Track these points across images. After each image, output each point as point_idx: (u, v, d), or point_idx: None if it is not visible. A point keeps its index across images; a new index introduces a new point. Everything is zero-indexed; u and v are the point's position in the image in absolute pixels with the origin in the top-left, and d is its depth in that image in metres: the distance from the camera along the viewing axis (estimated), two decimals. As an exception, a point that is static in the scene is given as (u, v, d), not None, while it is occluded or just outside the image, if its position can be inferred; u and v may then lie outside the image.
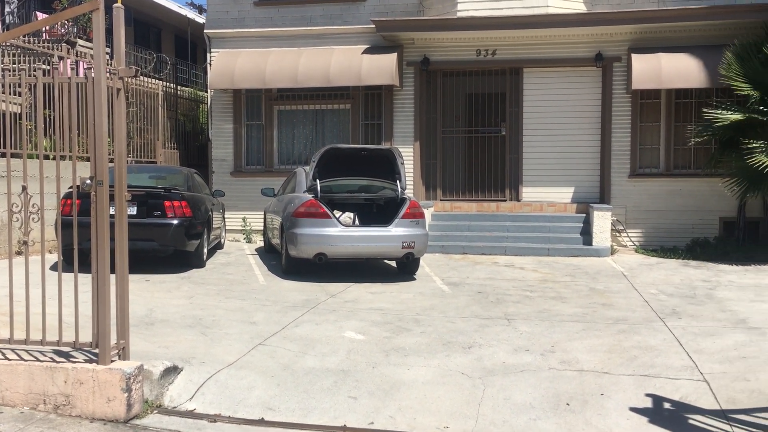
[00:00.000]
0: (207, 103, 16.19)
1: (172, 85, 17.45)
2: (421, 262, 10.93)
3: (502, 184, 14.17)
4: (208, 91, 15.32)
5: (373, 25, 13.59)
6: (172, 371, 5.31)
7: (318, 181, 10.15)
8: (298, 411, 4.96)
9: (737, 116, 11.51)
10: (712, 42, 12.62)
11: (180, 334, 6.58)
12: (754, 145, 11.24)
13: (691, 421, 4.73)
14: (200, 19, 22.78)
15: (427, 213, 13.15)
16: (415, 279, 10.12)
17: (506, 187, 14.15)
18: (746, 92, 11.57)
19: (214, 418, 4.85)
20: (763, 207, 12.62)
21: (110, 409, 4.71)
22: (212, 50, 14.94)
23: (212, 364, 5.67)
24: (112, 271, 4.87)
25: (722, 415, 4.81)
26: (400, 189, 10.36)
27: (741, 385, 5.31)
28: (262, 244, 13.73)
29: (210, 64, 14.81)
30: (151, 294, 8.57)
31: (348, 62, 13.79)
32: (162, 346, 6.10)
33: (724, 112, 11.65)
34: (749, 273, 10.59)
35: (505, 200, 14.08)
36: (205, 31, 15.14)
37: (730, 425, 4.64)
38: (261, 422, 4.81)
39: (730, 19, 12.48)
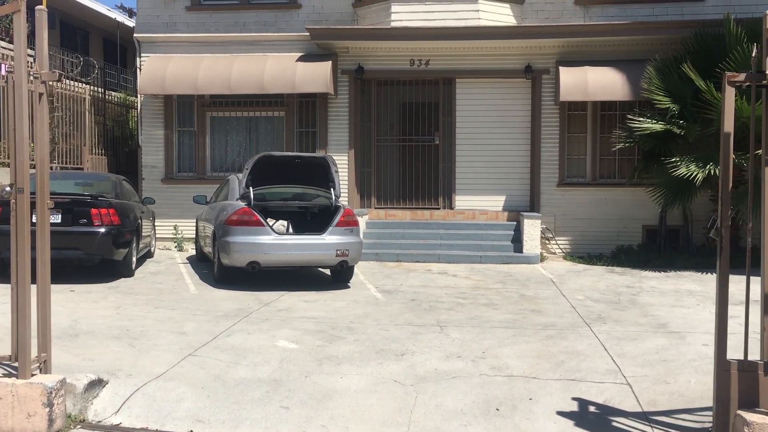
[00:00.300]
0: (137, 109, 15.82)
1: (100, 89, 16.99)
2: (356, 269, 10.95)
3: (436, 192, 14.35)
4: (138, 96, 14.98)
5: (308, 33, 13.58)
6: (96, 384, 5.16)
7: (251, 188, 10.05)
8: (229, 422, 4.90)
9: (658, 126, 11.98)
10: (635, 56, 13.12)
11: (106, 346, 6.39)
12: (675, 159, 11.71)
13: (614, 424, 4.89)
14: (130, 22, 22.24)
15: (362, 221, 13.19)
16: (349, 287, 10.13)
17: (440, 196, 14.33)
18: (666, 105, 12.06)
19: (141, 432, 4.74)
20: (683, 215, 13.18)
21: (31, 425, 4.54)
22: (142, 55, 14.63)
23: (139, 376, 5.53)
24: (34, 281, 4.70)
25: (644, 417, 4.99)
26: (334, 197, 10.36)
27: (661, 388, 5.51)
28: (194, 252, 13.48)
29: (140, 69, 14.49)
30: (76, 305, 8.30)
31: (282, 69, 13.73)
32: (87, 358, 5.92)
33: (647, 120, 12.12)
34: (670, 279, 11.02)
35: (438, 208, 14.25)
36: (134, 35, 14.82)
37: (651, 427, 4.82)
38: (190, 435, 4.72)
39: (652, 35, 13.00)
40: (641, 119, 12.17)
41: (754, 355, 4.36)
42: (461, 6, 13.42)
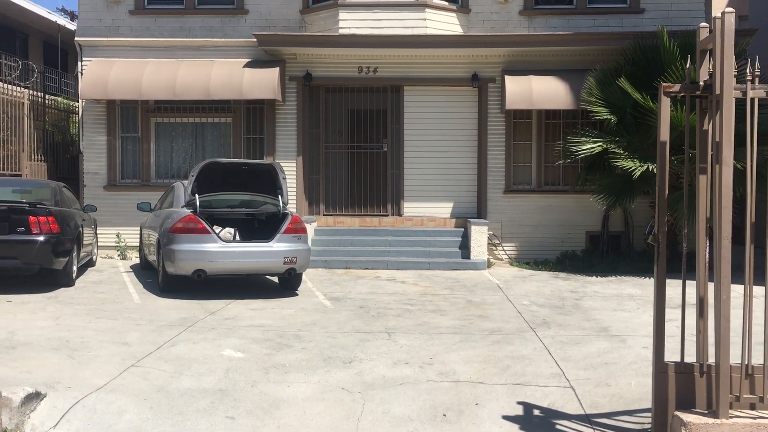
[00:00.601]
0: (78, 114, 15.43)
1: (39, 94, 16.51)
2: (304, 277, 10.89)
3: (385, 199, 14.39)
4: (80, 101, 14.62)
5: (255, 39, 13.48)
6: (34, 397, 5.00)
7: (197, 195, 9.91)
8: (173, 434, 4.81)
9: (597, 147, 12.19)
10: (579, 66, 13.42)
11: (44, 358, 6.21)
12: (618, 152, 11.93)
13: (558, 427, 4.98)
14: (72, 25, 21.68)
15: (310, 228, 13.13)
16: (297, 294, 10.06)
17: (388, 203, 14.37)
18: (604, 117, 12.33)
19: (80, 446, 4.61)
20: (624, 221, 13.52)
21: (-37, 442, 4.37)
22: (84, 59, 14.29)
23: (79, 388, 5.39)
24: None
25: (586, 419, 5.09)
26: (282, 204, 10.30)
27: (603, 390, 5.64)
28: (138, 261, 13.21)
29: (81, 73, 14.15)
30: (13, 316, 8.04)
31: (229, 75, 13.59)
32: (24, 371, 5.73)
33: (587, 140, 12.31)
34: (612, 284, 11.29)
35: (387, 215, 14.30)
36: (76, 38, 14.47)
37: (593, 428, 4.92)
38: (132, 448, 4.62)
39: (594, 46, 13.33)
40: (580, 140, 12.32)
41: (691, 357, 4.50)
42: (408, 14, 13.52)
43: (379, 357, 6.57)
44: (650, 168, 11.33)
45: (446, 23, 13.68)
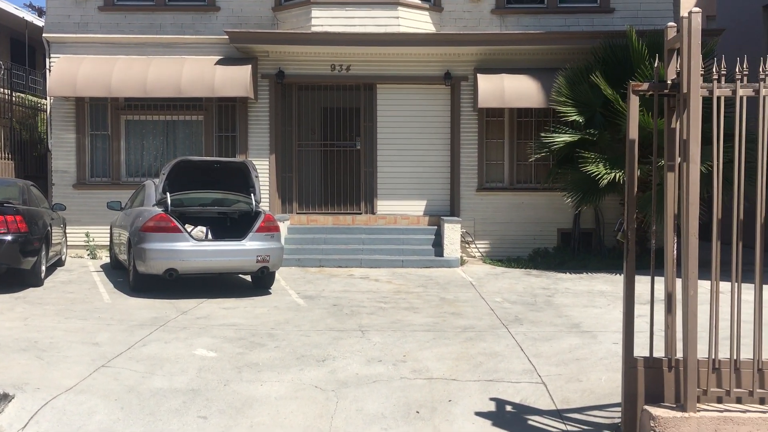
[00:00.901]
0: (47, 111, 15.19)
1: (6, 91, 16.22)
2: (277, 275, 10.85)
3: (358, 197, 14.38)
4: (48, 98, 14.39)
5: (227, 36, 13.38)
6: (1, 399, 4.93)
7: (168, 194, 9.81)
8: (144, 434, 4.76)
9: (570, 138, 12.36)
10: (550, 65, 13.53)
11: (12, 359, 6.11)
12: (587, 155, 12.11)
13: (530, 422, 5.02)
14: (40, 22, 21.33)
15: (283, 226, 13.08)
16: (270, 293, 10.02)
17: (362, 201, 14.37)
18: (573, 117, 12.44)
19: (49, 448, 4.54)
20: (595, 219, 13.68)
21: (-73, 446, 4.28)
22: (52, 55, 14.06)
23: (48, 389, 5.31)
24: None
25: (557, 414, 5.14)
26: (254, 202, 10.24)
27: (574, 386, 5.70)
28: (108, 260, 13.04)
29: (50, 70, 13.93)
30: (-21, 317, 7.89)
31: (200, 73, 13.47)
32: (-9, 373, 5.63)
33: (559, 134, 12.47)
34: (583, 280, 11.42)
35: (360, 213, 14.29)
36: (44, 35, 14.24)
37: (564, 423, 4.98)
38: (102, 449, 4.56)
39: (565, 44, 13.45)
40: (553, 135, 12.48)
41: (660, 353, 4.57)
42: (381, 12, 13.52)
43: (353, 355, 6.57)
44: (617, 177, 11.49)
45: (419, 21, 13.70)
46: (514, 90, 13.35)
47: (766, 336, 4.43)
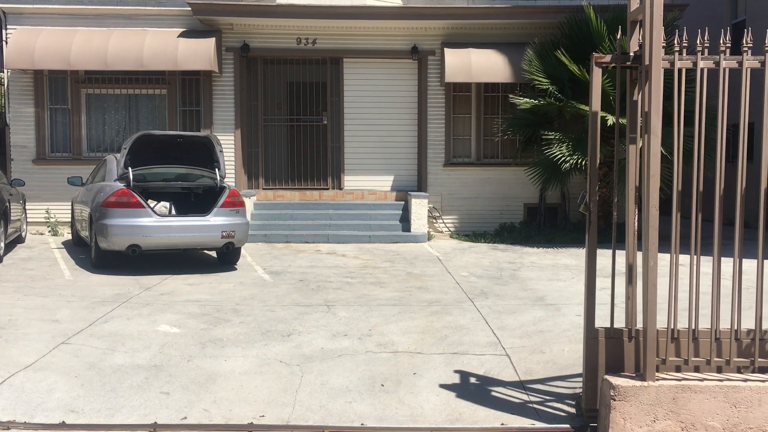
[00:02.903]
0: (4, 85, 14.77)
1: (-39, 63, 15.71)
2: (243, 251, 10.76)
3: (325, 172, 14.29)
4: (5, 71, 13.98)
5: (190, 8, 13.09)
6: (-43, 378, 4.81)
7: (130, 169, 9.64)
8: (105, 411, 4.69)
9: (537, 102, 12.44)
10: (517, 40, 13.52)
11: (-31, 338, 5.97)
12: (550, 136, 12.20)
13: (493, 393, 5.07)
14: (-5, -9, 20.67)
15: (249, 202, 12.96)
16: (236, 269, 9.94)
17: (329, 176, 14.28)
18: (545, 86, 12.52)
19: (7, 425, 4.45)
20: (561, 194, 13.79)
21: None
22: (8, 27, 13.64)
23: (6, 367, 5.21)
24: None
25: (521, 385, 5.20)
26: (219, 177, 10.11)
27: (537, 357, 5.77)
28: (69, 237, 12.81)
29: (6, 42, 13.51)
30: (-65, 295, 7.70)
31: (163, 45, 13.19)
32: (-54, 351, 5.50)
33: (528, 100, 12.56)
34: (548, 254, 11.53)
35: (327, 189, 14.21)
36: (0, 5, 13.78)
37: (527, 394, 5.03)
38: (62, 426, 4.49)
39: (531, 19, 13.44)
40: (522, 99, 12.59)
41: (621, 324, 4.63)
42: (348, -15, 13.34)
43: (318, 330, 6.56)
44: (579, 162, 11.64)
45: (386, -6, 13.56)
46: (482, 65, 13.32)
47: (723, 307, 4.51)
